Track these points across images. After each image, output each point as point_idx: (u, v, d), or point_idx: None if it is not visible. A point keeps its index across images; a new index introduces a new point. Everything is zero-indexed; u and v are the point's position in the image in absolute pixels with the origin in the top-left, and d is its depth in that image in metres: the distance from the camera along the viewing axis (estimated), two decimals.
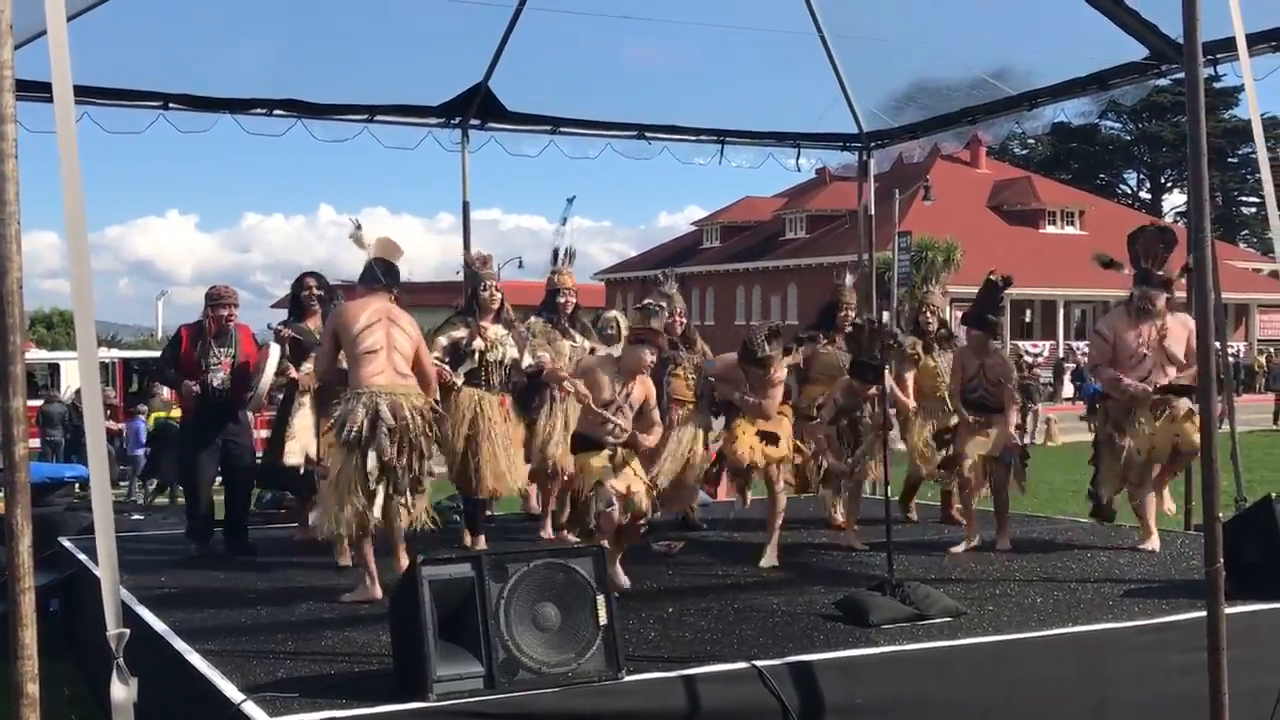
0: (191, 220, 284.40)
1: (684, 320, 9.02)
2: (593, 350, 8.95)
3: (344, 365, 7.10)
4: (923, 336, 9.71)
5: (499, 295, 8.56)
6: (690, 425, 8.86)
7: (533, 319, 9.10)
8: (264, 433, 9.75)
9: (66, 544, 8.92)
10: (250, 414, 9.09)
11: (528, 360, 8.55)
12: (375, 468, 6.75)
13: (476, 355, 8.38)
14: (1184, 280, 8.41)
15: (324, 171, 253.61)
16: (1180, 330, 8.21)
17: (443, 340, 8.41)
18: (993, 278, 8.66)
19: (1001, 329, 8.86)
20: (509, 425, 8.53)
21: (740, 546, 8.75)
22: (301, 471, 8.87)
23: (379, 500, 6.81)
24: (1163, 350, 8.19)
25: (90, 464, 4.27)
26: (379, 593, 6.79)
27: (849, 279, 9.46)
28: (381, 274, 7.29)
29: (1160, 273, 8.27)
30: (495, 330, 8.48)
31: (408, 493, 6.91)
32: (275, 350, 8.75)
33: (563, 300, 9.16)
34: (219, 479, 9.13)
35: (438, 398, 7.59)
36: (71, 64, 4.31)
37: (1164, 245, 8.34)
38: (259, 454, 9.40)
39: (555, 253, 9.48)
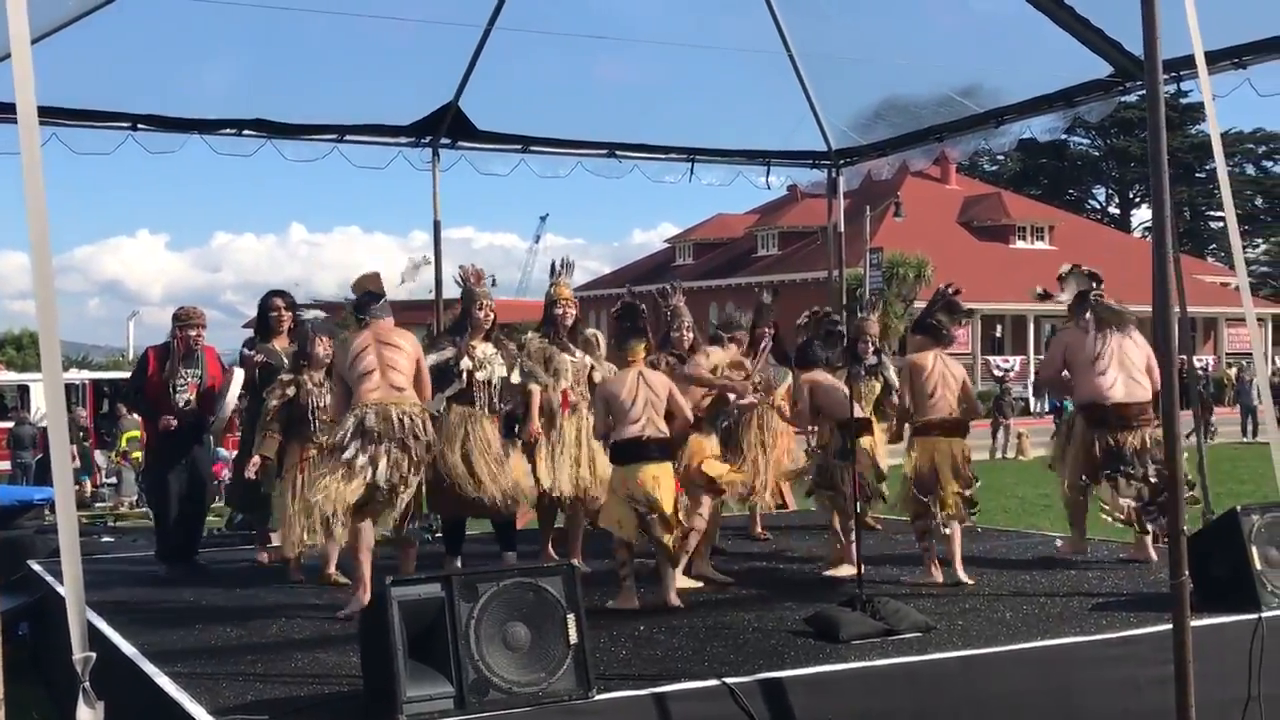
0: (162, 240, 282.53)
1: (691, 334, 8.74)
2: (592, 366, 8.70)
3: None
4: (859, 364, 9.53)
5: (493, 315, 8.31)
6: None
7: (530, 335, 8.72)
8: (224, 452, 9.73)
9: (35, 567, 8.88)
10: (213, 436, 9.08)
11: (517, 378, 8.28)
12: (354, 455, 6.74)
13: (464, 375, 8.12)
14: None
15: (294, 191, 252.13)
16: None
17: (430, 360, 7.97)
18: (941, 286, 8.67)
19: (944, 332, 8.39)
20: (502, 445, 8.24)
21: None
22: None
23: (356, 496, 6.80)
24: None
25: (55, 486, 4.26)
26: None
27: (766, 296, 9.64)
28: (361, 308, 7.36)
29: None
30: (484, 349, 8.24)
31: (391, 491, 6.91)
32: (239, 374, 8.78)
33: (560, 312, 8.71)
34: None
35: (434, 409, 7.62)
36: (39, 85, 4.32)
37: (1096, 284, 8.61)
38: (229, 474, 9.39)
39: (553, 265, 9.09)
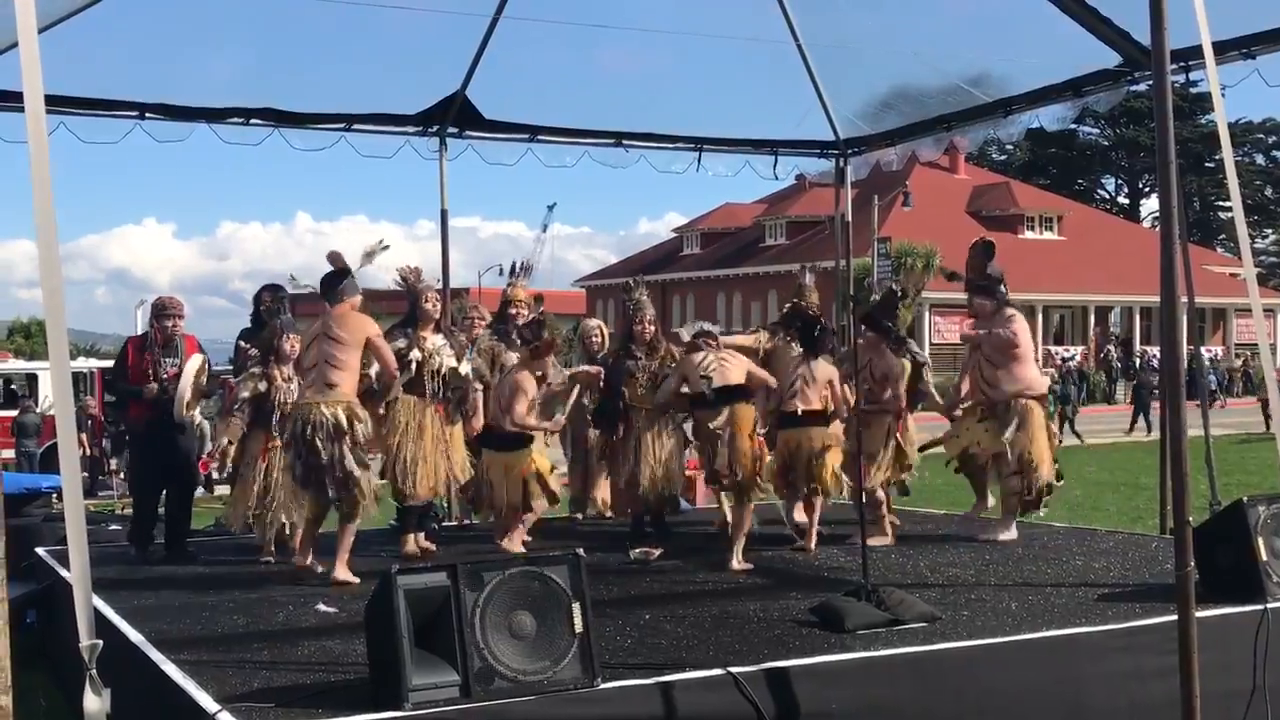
0: (169, 228, 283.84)
1: (653, 327, 9.28)
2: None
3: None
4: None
5: (440, 305, 8.95)
6: (660, 429, 9.01)
7: (480, 333, 9.52)
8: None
9: (43, 554, 8.91)
10: (184, 420, 9.07)
11: (465, 368, 8.88)
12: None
13: (414, 366, 8.62)
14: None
15: (301, 179, 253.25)
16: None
17: None
18: (894, 288, 9.23)
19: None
20: (445, 431, 8.79)
21: (717, 553, 8.76)
22: None
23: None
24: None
25: (62, 474, 4.27)
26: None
27: (809, 277, 9.78)
28: (326, 289, 7.87)
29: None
30: (434, 340, 8.77)
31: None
32: (196, 359, 8.96)
33: (513, 312, 9.55)
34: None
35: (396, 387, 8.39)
36: (47, 74, 4.33)
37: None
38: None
39: (512, 265, 10.01)
